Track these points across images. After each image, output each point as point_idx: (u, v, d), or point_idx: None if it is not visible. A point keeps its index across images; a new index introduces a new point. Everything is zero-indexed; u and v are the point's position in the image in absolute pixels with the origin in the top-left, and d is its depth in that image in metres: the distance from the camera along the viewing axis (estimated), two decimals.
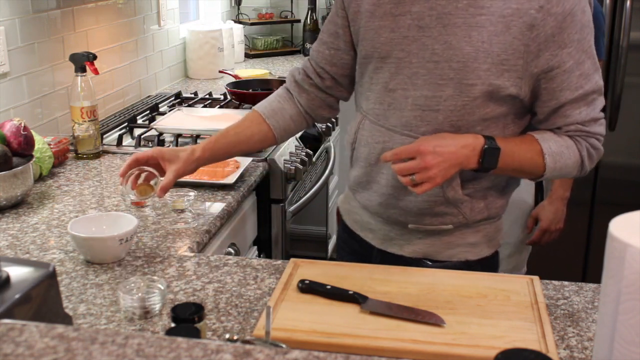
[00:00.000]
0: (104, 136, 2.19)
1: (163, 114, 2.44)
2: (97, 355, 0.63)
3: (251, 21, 3.75)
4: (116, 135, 2.20)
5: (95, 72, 2.02)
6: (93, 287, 1.26)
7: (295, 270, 1.30)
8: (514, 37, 1.26)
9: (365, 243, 1.53)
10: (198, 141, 2.10)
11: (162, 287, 1.17)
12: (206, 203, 1.69)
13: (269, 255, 2.12)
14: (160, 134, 2.15)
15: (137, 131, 2.23)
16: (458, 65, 1.29)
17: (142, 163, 1.44)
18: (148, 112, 2.48)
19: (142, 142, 2.14)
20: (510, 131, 1.37)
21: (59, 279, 1.26)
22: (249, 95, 2.55)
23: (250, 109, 2.55)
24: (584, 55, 1.29)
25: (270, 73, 3.14)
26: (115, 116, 2.48)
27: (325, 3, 3.88)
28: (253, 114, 1.54)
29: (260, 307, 1.20)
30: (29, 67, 2.05)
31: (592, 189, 3.00)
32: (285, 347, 0.93)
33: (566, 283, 1.30)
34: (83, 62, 1.96)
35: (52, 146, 1.87)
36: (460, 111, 1.31)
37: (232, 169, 1.85)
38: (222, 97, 2.73)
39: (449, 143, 1.28)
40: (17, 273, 0.86)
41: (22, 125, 1.69)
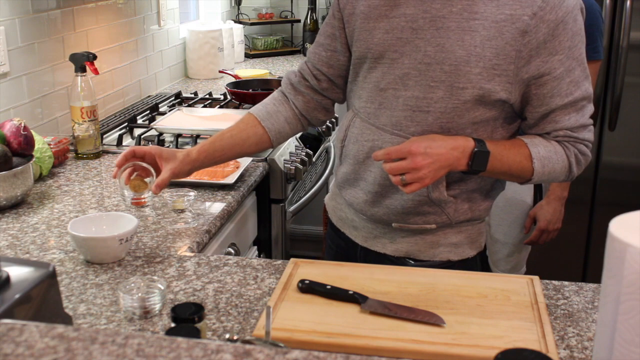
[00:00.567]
0: (104, 136, 2.19)
1: (163, 114, 2.44)
2: (97, 355, 0.63)
3: (251, 21, 3.75)
4: (116, 135, 2.20)
5: (95, 72, 2.02)
6: (93, 287, 1.26)
7: (295, 270, 1.30)
8: (506, 43, 1.27)
9: (349, 240, 1.55)
10: (198, 141, 2.10)
11: (162, 287, 1.17)
12: (206, 203, 1.69)
13: (269, 255, 2.12)
14: (160, 134, 2.15)
15: (137, 131, 2.23)
16: (450, 68, 1.30)
17: (139, 156, 1.44)
18: (148, 112, 2.48)
19: (142, 142, 2.15)
20: (500, 135, 1.38)
21: (59, 279, 1.26)
22: (249, 95, 2.55)
23: (250, 108, 2.54)
24: (575, 63, 1.31)
25: (270, 73, 3.14)
26: (115, 116, 2.48)
27: (325, 3, 3.88)
28: (248, 117, 1.55)
29: (260, 307, 1.20)
30: (29, 67, 2.05)
31: (592, 189, 3.00)
32: (285, 347, 0.93)
33: (566, 283, 1.30)
34: (83, 62, 1.96)
35: (52, 146, 1.87)
36: (450, 113, 1.33)
37: (232, 169, 1.85)
38: (222, 97, 2.73)
39: (439, 145, 1.29)
40: (17, 273, 0.86)
41: (22, 125, 1.69)
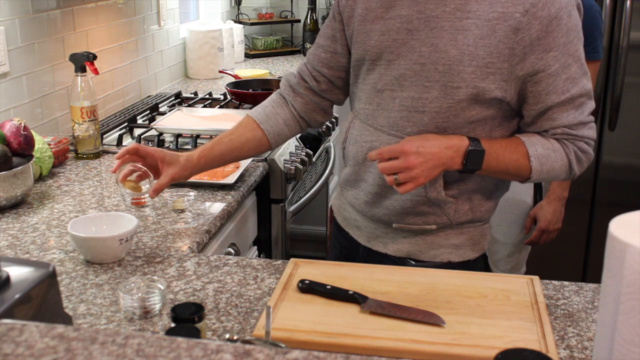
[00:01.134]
0: (104, 136, 2.19)
1: (163, 114, 2.44)
2: (97, 355, 0.63)
3: (251, 21, 3.75)
4: (116, 135, 2.20)
5: (95, 72, 2.02)
6: (93, 287, 1.26)
7: (295, 270, 1.30)
8: (499, 41, 1.27)
9: (352, 240, 1.56)
10: (198, 141, 2.10)
11: (162, 287, 1.17)
12: (206, 203, 1.70)
13: (269, 255, 2.12)
14: (160, 134, 2.15)
15: (137, 131, 2.23)
16: (444, 68, 1.30)
17: (141, 154, 1.44)
18: (148, 112, 2.48)
19: (142, 142, 2.14)
20: (498, 134, 1.38)
21: (59, 279, 1.26)
22: (249, 95, 2.55)
23: (250, 109, 2.55)
24: (570, 59, 1.30)
25: (270, 73, 3.14)
26: (115, 116, 2.47)
27: (325, 3, 3.88)
28: (247, 120, 1.55)
29: (260, 307, 1.20)
30: (29, 67, 2.05)
31: (592, 189, 3.00)
32: (285, 347, 0.93)
33: (566, 283, 1.30)
34: (83, 62, 1.96)
35: (52, 146, 1.87)
36: (446, 113, 1.33)
37: (232, 169, 1.85)
38: (222, 97, 2.73)
39: (432, 144, 1.29)
40: (17, 273, 0.86)
41: (22, 125, 1.69)
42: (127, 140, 2.21)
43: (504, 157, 1.33)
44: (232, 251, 1.75)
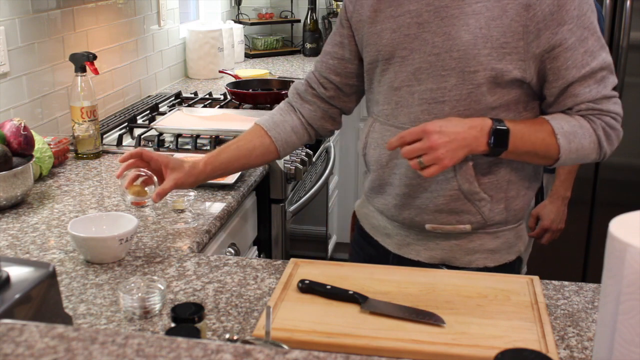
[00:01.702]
0: (104, 136, 2.19)
1: (163, 114, 2.44)
2: (97, 355, 0.63)
3: (251, 21, 3.75)
4: (116, 135, 2.20)
5: (95, 72, 2.02)
6: (93, 287, 1.26)
7: (295, 270, 1.30)
8: (511, 20, 1.25)
9: (382, 248, 1.51)
10: (198, 141, 2.10)
11: (162, 287, 1.17)
12: (206, 203, 1.69)
13: (269, 255, 2.12)
14: (160, 134, 2.15)
15: (137, 131, 2.23)
16: (458, 54, 1.28)
17: (145, 159, 1.43)
18: (148, 112, 2.48)
19: (142, 142, 2.15)
20: (523, 119, 1.34)
21: (59, 279, 1.26)
22: (249, 95, 2.55)
23: (250, 109, 2.54)
24: (586, 32, 1.27)
25: (270, 73, 3.14)
26: (115, 116, 2.48)
27: (325, 3, 3.88)
28: (255, 128, 1.53)
29: (260, 307, 1.20)
30: (29, 67, 2.05)
31: (592, 189, 3.00)
32: (285, 347, 0.93)
33: (566, 283, 1.30)
34: (83, 62, 1.96)
35: (52, 146, 1.87)
36: (466, 100, 1.30)
37: None
38: (222, 97, 2.73)
39: (455, 124, 1.26)
40: (17, 273, 0.86)
41: (22, 125, 1.69)
42: (127, 141, 2.21)
43: (530, 136, 1.29)
44: (232, 251, 1.75)
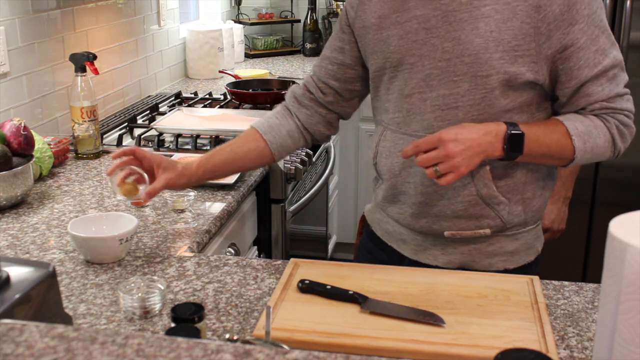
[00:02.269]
0: (104, 136, 2.19)
1: (163, 114, 2.44)
2: (97, 355, 0.63)
3: (251, 21, 3.75)
4: (116, 135, 2.20)
5: (95, 72, 2.02)
6: (93, 287, 1.26)
7: (295, 270, 1.30)
8: (522, 22, 1.24)
9: (396, 254, 1.49)
10: (198, 141, 2.10)
11: (162, 287, 1.17)
12: (206, 203, 1.69)
13: (269, 255, 2.11)
14: (160, 134, 2.15)
15: (137, 131, 2.23)
16: (470, 59, 1.27)
17: (138, 157, 1.41)
18: (148, 112, 2.48)
19: (142, 142, 2.15)
20: (537, 120, 1.33)
21: (59, 279, 1.26)
22: (249, 95, 2.55)
23: (250, 108, 2.54)
24: (597, 30, 1.26)
25: (270, 73, 3.14)
26: (115, 116, 2.48)
27: (325, 3, 3.88)
28: (250, 131, 1.51)
29: (260, 307, 1.20)
30: (29, 67, 2.05)
31: (592, 189, 3.00)
32: (285, 347, 0.93)
33: (566, 283, 1.30)
34: (83, 62, 1.96)
35: (52, 146, 1.87)
36: (480, 104, 1.29)
37: None
38: (222, 97, 2.73)
39: (470, 130, 1.25)
40: (17, 273, 0.86)
41: (22, 125, 1.69)
42: (127, 141, 2.21)
43: (545, 139, 1.28)
44: (232, 251, 1.75)
